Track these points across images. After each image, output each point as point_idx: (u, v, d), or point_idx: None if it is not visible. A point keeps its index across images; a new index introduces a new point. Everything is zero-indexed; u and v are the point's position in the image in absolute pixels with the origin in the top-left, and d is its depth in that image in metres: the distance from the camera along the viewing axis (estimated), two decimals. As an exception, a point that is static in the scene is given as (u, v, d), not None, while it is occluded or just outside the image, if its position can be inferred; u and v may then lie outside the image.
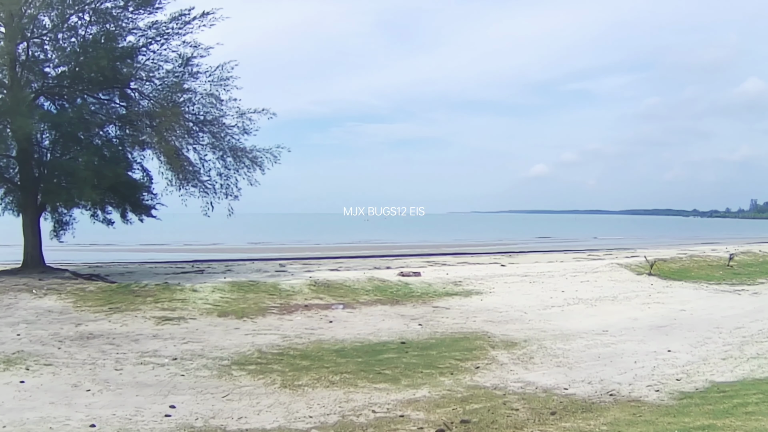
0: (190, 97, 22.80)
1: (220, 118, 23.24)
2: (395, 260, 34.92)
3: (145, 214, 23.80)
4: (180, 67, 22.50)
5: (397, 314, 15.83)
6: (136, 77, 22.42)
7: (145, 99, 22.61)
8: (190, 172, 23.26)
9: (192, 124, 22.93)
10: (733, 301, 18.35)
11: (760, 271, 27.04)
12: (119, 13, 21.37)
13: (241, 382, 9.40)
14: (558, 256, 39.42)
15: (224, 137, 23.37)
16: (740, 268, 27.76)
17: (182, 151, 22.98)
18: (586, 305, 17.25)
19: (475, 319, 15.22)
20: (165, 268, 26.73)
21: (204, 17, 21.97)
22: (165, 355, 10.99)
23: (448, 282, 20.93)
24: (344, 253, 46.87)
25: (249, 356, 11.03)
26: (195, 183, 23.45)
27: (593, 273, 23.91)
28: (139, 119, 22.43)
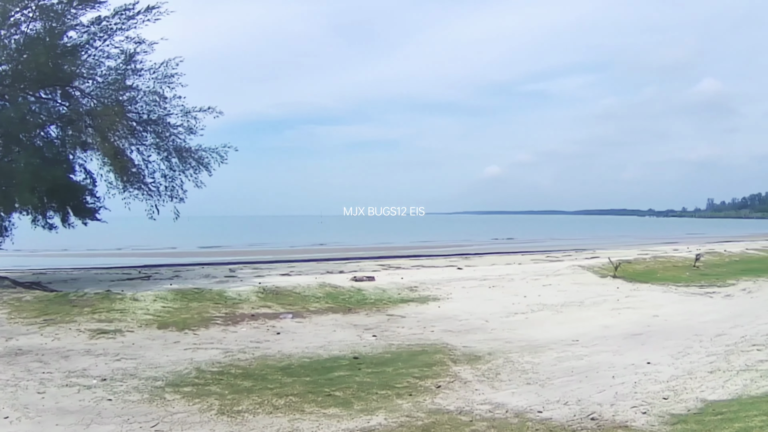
0: (134, 96, 22.38)
1: (164, 117, 22.91)
2: (349, 263, 34.71)
3: (88, 218, 23.35)
4: (123, 63, 22.02)
5: (349, 324, 15.12)
6: (78, 75, 21.76)
7: (87, 98, 22.04)
8: (133, 174, 22.81)
9: (135, 123, 22.53)
10: (707, 304, 18.03)
11: (728, 272, 27.06)
12: (64, 8, 20.70)
13: (173, 407, 8.45)
14: (516, 258, 39.32)
15: (169, 137, 23.01)
16: (707, 269, 27.77)
17: (125, 151, 22.51)
18: (552, 312, 16.69)
19: (433, 328, 14.52)
20: (111, 274, 25.91)
21: (149, 12, 21.51)
22: (94, 375, 10.04)
23: (403, 287, 20.30)
24: (297, 256, 46.77)
25: (186, 376, 10.09)
26: (138, 185, 22.98)
27: (555, 276, 23.52)
28: (80, 119, 21.80)
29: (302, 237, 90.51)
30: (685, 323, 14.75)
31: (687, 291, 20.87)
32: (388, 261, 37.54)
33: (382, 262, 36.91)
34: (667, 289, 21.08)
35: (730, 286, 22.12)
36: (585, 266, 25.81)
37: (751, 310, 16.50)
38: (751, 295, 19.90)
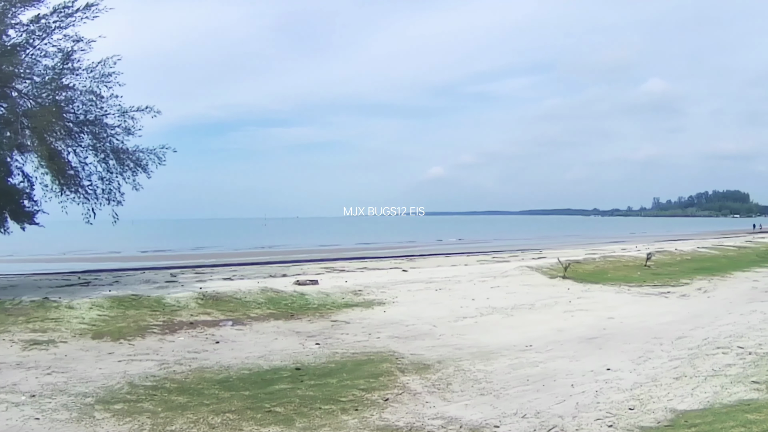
0: (71, 96, 21.82)
1: (101, 117, 22.40)
2: (292, 267, 34.12)
3: (27, 222, 22.78)
4: (60, 63, 21.41)
5: (291, 331, 14.44)
6: (16, 75, 21.05)
7: (24, 98, 21.38)
8: (70, 176, 22.33)
9: (72, 124, 21.93)
10: (663, 305, 17.84)
11: (681, 271, 27.18)
12: (5, 8, 20.30)
13: (102, 427, 7.68)
14: (461, 259, 39.13)
15: (106, 138, 22.51)
16: (659, 268, 27.85)
17: (62, 153, 21.98)
18: (502, 315, 16.24)
19: (379, 335, 13.92)
20: (51, 280, 24.70)
21: (87, 9, 21.16)
22: (23, 391, 9.28)
23: (347, 291, 19.66)
24: (241, 259, 46.78)
25: (117, 391, 9.33)
26: (75, 188, 22.49)
27: (503, 277, 23.16)
28: (17, 120, 20.93)
29: (246, 240, 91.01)
30: (643, 325, 14.46)
31: (641, 291, 20.72)
32: (332, 263, 37.34)
33: (327, 264, 36.60)
34: (620, 290, 20.90)
35: (684, 286, 22.11)
36: (533, 267, 25.53)
37: (709, 311, 16.36)
38: (707, 295, 19.85)
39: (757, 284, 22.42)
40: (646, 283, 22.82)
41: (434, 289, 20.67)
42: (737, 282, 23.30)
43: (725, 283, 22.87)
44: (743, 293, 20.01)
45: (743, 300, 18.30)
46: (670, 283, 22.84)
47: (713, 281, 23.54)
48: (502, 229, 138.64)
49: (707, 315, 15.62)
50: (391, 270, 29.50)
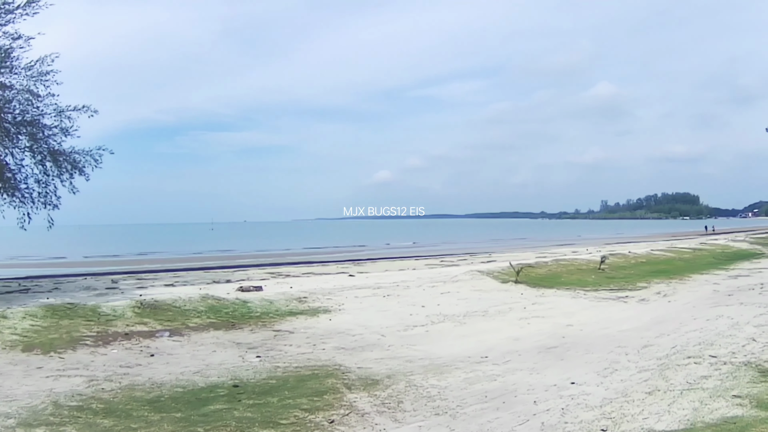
0: (8, 95, 21.38)
1: (38, 117, 21.97)
2: (237, 272, 34.00)
3: None
4: None
5: (231, 342, 13.66)
6: None
7: None
8: (7, 179, 21.99)
9: (9, 125, 21.48)
10: (623, 310, 17.48)
11: (636, 274, 27.06)
12: None
13: None
14: (410, 263, 38.77)
15: (43, 139, 22.11)
16: (613, 271, 27.71)
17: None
18: (454, 323, 15.62)
19: (324, 346, 13.19)
20: None
21: (29, 5, 20.90)
22: None
23: (292, 298, 18.88)
24: (185, 264, 46.32)
25: (41, 412, 8.53)
26: (11, 192, 22.17)
27: (453, 282, 22.64)
28: None
29: (192, 245, 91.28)
30: (604, 333, 14.01)
31: (597, 296, 20.39)
32: (278, 268, 37.01)
33: (272, 269, 36.25)
34: (575, 295, 20.54)
35: (642, 290, 21.87)
36: (484, 271, 25.06)
37: (673, 316, 16.00)
38: (668, 299, 19.58)
39: (718, 287, 22.28)
40: (602, 287, 22.55)
41: (382, 295, 20.03)
42: (697, 285, 23.15)
43: (685, 287, 22.69)
44: (705, 297, 19.79)
45: (706, 304, 18.02)
46: (627, 287, 22.61)
47: (672, 285, 23.38)
48: (451, 233, 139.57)
49: (671, 321, 15.26)
50: (337, 275, 29.15)
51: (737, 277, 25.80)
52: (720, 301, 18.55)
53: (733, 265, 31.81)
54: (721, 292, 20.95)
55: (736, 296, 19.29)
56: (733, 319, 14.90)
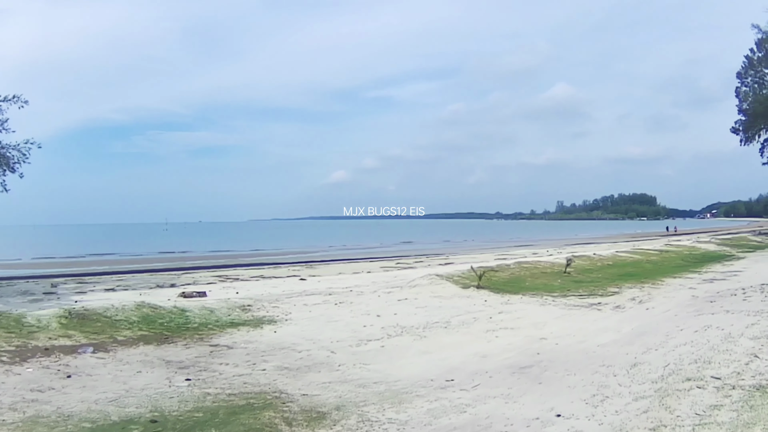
0: None
1: None
2: (184, 275, 32.91)
3: None
4: None
5: (161, 360, 11.93)
6: None
7: None
8: None
9: None
10: (598, 320, 16.08)
11: (605, 278, 25.85)
12: None
13: None
14: (364, 266, 37.55)
15: None
16: (579, 275, 26.50)
17: None
18: (413, 337, 13.99)
19: (265, 365, 11.53)
20: None
21: None
22: None
23: (235, 306, 17.15)
24: (134, 266, 45.88)
25: None
26: None
27: (411, 288, 21.10)
28: None
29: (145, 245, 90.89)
30: (582, 347, 12.57)
31: (567, 303, 19.00)
32: (227, 271, 36.12)
33: (221, 272, 35.32)
34: (543, 302, 19.13)
35: (615, 296, 20.57)
36: (443, 275, 23.51)
37: (654, 327, 14.62)
38: (645, 307, 18.24)
39: (695, 293, 21.05)
40: (570, 293, 21.23)
41: (334, 302, 18.38)
42: (672, 290, 21.92)
43: (660, 292, 21.43)
44: (685, 304, 18.50)
45: (689, 312, 16.71)
46: (597, 293, 21.32)
47: (646, 289, 22.15)
48: (406, 233, 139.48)
49: (655, 332, 13.86)
50: (288, 279, 27.87)
51: (713, 280, 24.68)
52: (703, 309, 17.25)
53: (704, 267, 30.84)
54: (700, 298, 19.69)
55: (719, 303, 18.01)
56: (724, 330, 13.55)
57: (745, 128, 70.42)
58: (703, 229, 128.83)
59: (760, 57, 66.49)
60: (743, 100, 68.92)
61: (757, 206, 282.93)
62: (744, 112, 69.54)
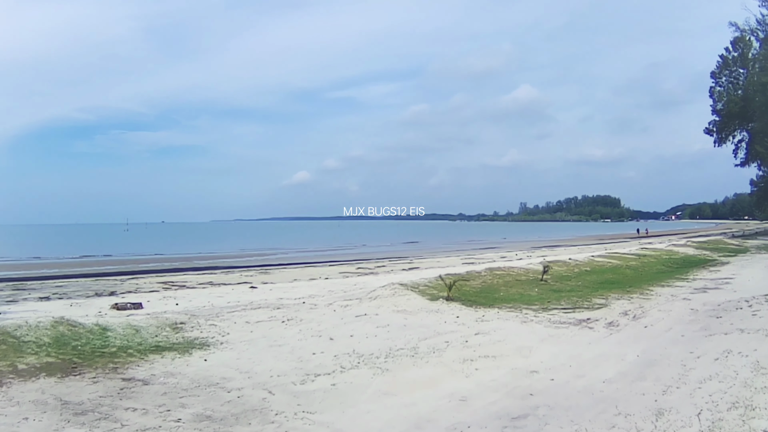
0: None
1: None
2: (130, 280, 31.11)
3: None
4: None
5: (57, 401, 9.18)
6: None
7: None
8: None
9: None
10: (593, 342, 13.55)
11: (585, 286, 23.55)
12: None
13: None
14: (322, 271, 35.23)
15: None
16: (557, 282, 24.21)
17: None
18: (372, 370, 11.20)
19: (181, 412, 8.82)
20: None
21: None
22: None
23: (166, 323, 14.30)
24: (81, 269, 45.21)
25: None
26: None
27: (371, 300, 18.47)
28: None
29: (101, 247, 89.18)
30: (584, 385, 10.05)
31: (552, 319, 16.48)
32: (176, 276, 33.98)
33: (170, 277, 33.09)
34: (524, 318, 16.57)
35: (603, 309, 18.10)
36: (408, 284, 20.86)
37: (662, 352, 12.19)
38: (641, 324, 15.78)
39: (692, 305, 18.75)
40: (552, 305, 18.78)
41: (281, 319, 15.63)
42: (665, 302, 19.56)
43: (652, 304, 19.04)
44: (687, 320, 16.15)
45: (696, 332, 14.35)
46: (583, 305, 18.88)
47: (635, 300, 19.80)
48: (368, 235, 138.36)
49: (667, 361, 11.44)
50: (238, 286, 25.66)
51: (705, 289, 22.46)
52: (710, 327, 14.89)
53: (689, 273, 28.64)
54: (701, 312, 17.36)
55: (726, 319, 15.71)
56: (749, 357, 11.20)
57: (719, 129, 69.19)
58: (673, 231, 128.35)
59: (735, 56, 65.25)
60: (717, 101, 67.68)
61: (723, 208, 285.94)
62: (718, 112, 68.28)
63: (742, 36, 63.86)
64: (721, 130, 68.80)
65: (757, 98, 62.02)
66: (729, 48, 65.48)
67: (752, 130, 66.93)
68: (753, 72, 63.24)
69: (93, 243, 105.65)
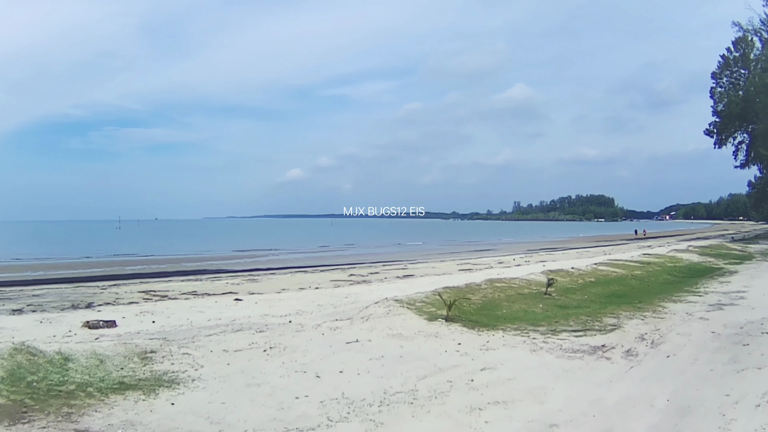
0: None
1: None
2: (110, 288, 29.80)
3: None
4: None
5: None
6: None
7: None
8: None
9: None
10: (614, 379, 11.93)
11: (591, 300, 22.16)
12: None
13: None
14: (312, 278, 34.07)
15: None
16: (562, 296, 22.79)
17: None
18: (364, 424, 9.23)
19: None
20: None
21: None
22: None
23: (134, 352, 12.67)
24: (64, 273, 43.83)
25: None
26: None
27: (363, 321, 16.84)
28: None
29: (90, 246, 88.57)
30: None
31: (563, 345, 14.89)
32: (159, 284, 32.76)
33: (153, 284, 32.11)
34: (533, 343, 14.98)
35: (616, 331, 16.51)
36: (403, 300, 19.27)
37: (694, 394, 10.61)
38: (661, 352, 14.18)
39: (711, 326, 17.25)
40: (560, 326, 17.27)
41: (263, 346, 13.92)
42: (681, 322, 18.02)
43: (668, 325, 17.49)
44: (711, 347, 14.60)
45: (724, 364, 12.77)
46: (593, 326, 17.35)
47: (649, 320, 18.28)
48: (361, 234, 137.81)
49: (703, 408, 9.85)
50: (222, 297, 24.14)
51: (720, 306, 20.95)
52: (740, 358, 13.31)
53: (698, 284, 27.12)
54: (723, 336, 15.83)
55: (754, 347, 14.16)
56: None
57: (720, 130, 67.95)
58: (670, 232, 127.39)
59: (737, 57, 64.01)
60: (718, 102, 66.43)
61: (718, 209, 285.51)
62: (718, 113, 67.00)
63: (743, 36, 62.70)
64: (721, 132, 67.50)
65: (759, 99, 60.79)
66: (730, 48, 64.30)
67: (754, 131, 65.62)
68: (755, 72, 61.92)
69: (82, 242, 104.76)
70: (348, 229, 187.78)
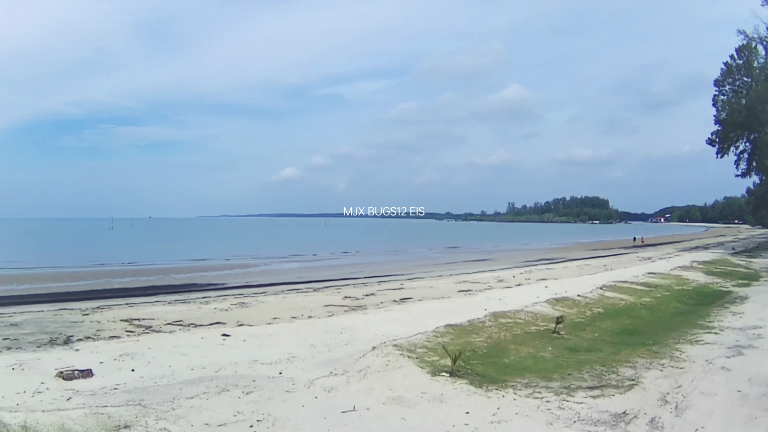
0: None
1: None
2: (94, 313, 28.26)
3: None
4: None
5: None
6: None
7: None
8: None
9: None
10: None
11: (602, 340, 20.98)
12: None
13: None
14: (305, 301, 32.95)
15: None
16: (570, 335, 21.61)
17: None
18: None
19: None
20: None
21: None
22: None
23: (106, 427, 11.19)
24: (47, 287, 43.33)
25: None
26: None
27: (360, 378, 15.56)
28: None
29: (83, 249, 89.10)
30: None
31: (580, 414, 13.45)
32: (144, 307, 31.09)
33: (137, 309, 30.39)
34: (548, 412, 13.56)
35: (635, 389, 15.11)
36: (404, 347, 18.00)
37: None
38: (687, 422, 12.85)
39: (734, 380, 15.94)
40: (573, 379, 16.00)
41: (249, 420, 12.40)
42: (703, 374, 16.67)
43: (689, 380, 16.13)
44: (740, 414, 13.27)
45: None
46: (609, 379, 16.06)
47: (667, 370, 16.96)
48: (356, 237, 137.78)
49: None
50: (209, 330, 22.29)
51: (740, 349, 19.63)
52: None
53: (711, 317, 25.77)
54: (752, 397, 14.54)
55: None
56: None
57: (722, 139, 67.03)
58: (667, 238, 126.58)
59: (740, 64, 63.07)
60: (721, 110, 65.47)
61: (713, 212, 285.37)
62: (721, 122, 66.06)
63: (747, 44, 61.74)
64: (723, 141, 66.56)
65: (762, 108, 59.85)
66: (734, 56, 63.29)
67: (756, 141, 64.63)
68: (759, 80, 60.97)
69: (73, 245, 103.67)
70: (341, 232, 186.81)
